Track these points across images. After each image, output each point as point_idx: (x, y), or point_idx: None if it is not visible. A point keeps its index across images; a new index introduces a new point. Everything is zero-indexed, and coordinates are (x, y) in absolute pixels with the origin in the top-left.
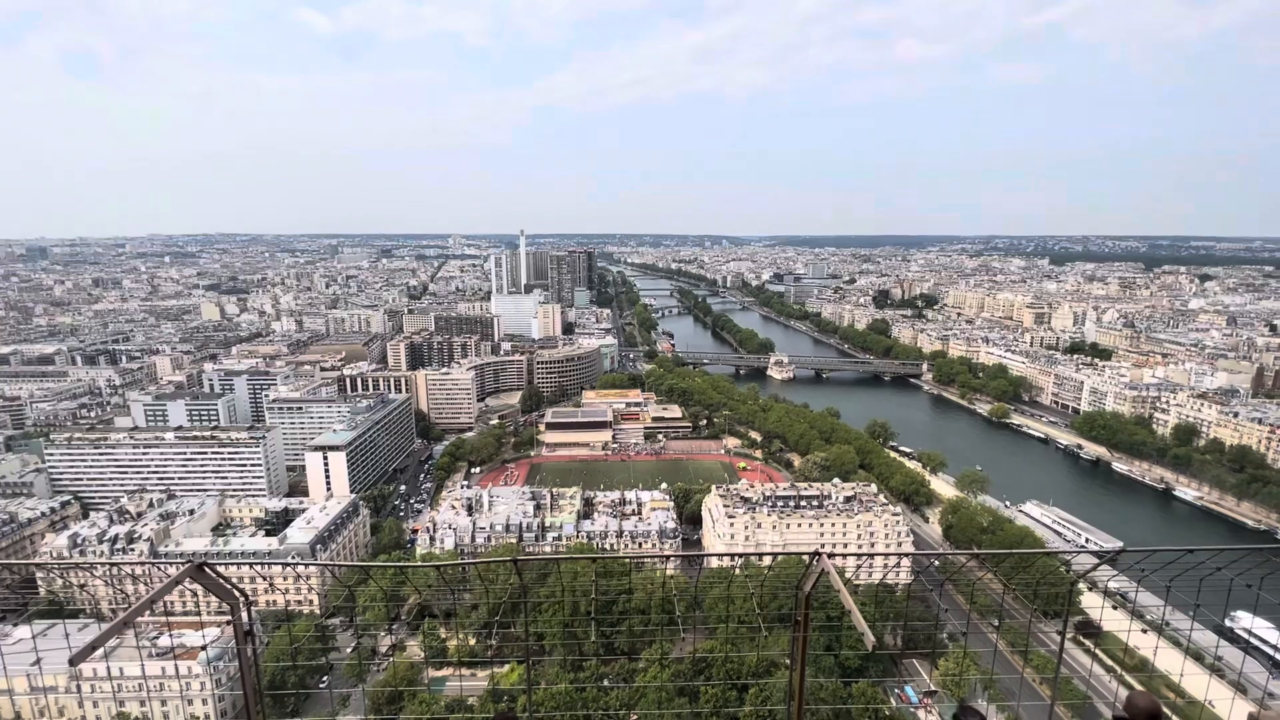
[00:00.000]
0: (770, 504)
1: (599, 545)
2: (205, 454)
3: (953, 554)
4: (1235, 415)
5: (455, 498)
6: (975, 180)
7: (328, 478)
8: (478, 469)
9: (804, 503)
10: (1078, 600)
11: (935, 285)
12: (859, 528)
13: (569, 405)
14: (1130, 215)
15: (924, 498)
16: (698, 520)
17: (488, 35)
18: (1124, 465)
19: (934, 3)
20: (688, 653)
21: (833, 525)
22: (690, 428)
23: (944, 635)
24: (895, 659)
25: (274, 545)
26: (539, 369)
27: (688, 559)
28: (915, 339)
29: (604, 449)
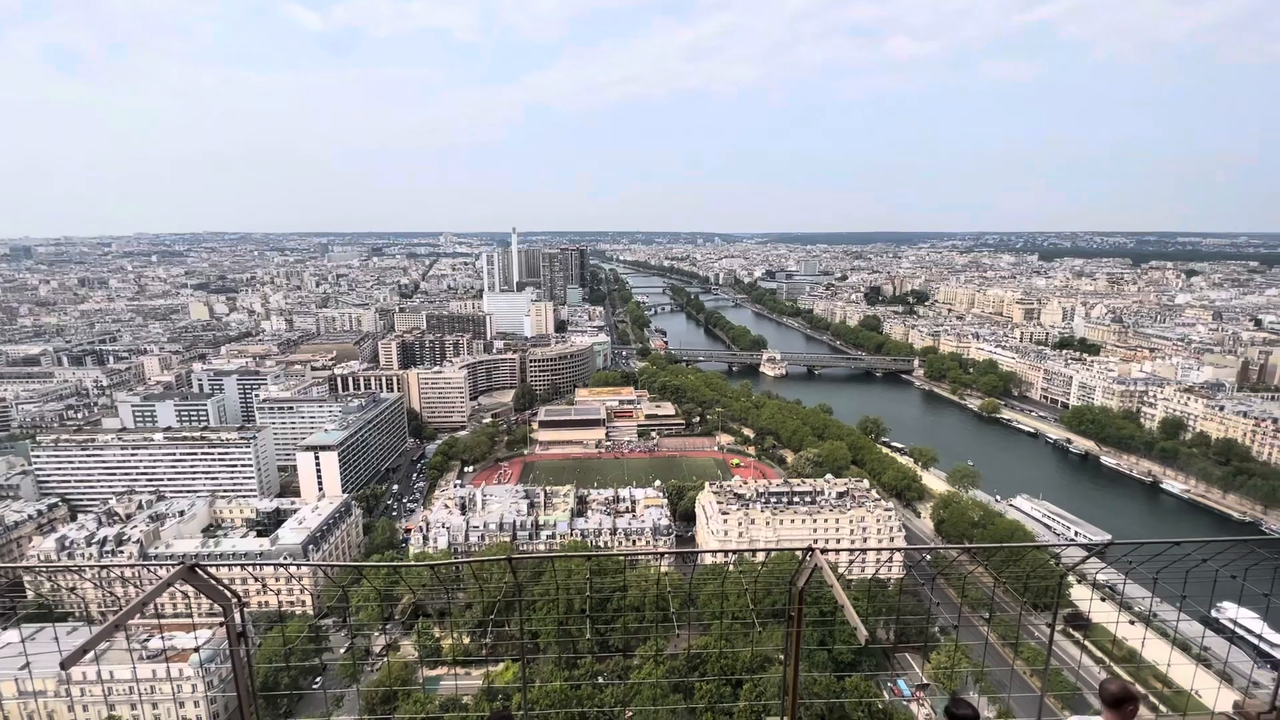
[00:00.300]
0: (763, 500)
1: (593, 543)
2: (195, 455)
3: (944, 548)
4: (1221, 409)
5: (448, 497)
6: (967, 177)
7: (319, 478)
8: (471, 468)
9: (797, 499)
10: (1067, 593)
11: (926, 281)
12: (851, 523)
13: (562, 403)
14: (1118, 211)
15: (916, 493)
16: (691, 517)
17: (476, 31)
18: (1112, 459)
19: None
20: (682, 649)
21: (825, 521)
22: (683, 425)
23: (936, 629)
24: (888, 653)
25: (266, 546)
26: (532, 367)
27: (682, 556)
28: (906, 335)
29: (597, 447)
